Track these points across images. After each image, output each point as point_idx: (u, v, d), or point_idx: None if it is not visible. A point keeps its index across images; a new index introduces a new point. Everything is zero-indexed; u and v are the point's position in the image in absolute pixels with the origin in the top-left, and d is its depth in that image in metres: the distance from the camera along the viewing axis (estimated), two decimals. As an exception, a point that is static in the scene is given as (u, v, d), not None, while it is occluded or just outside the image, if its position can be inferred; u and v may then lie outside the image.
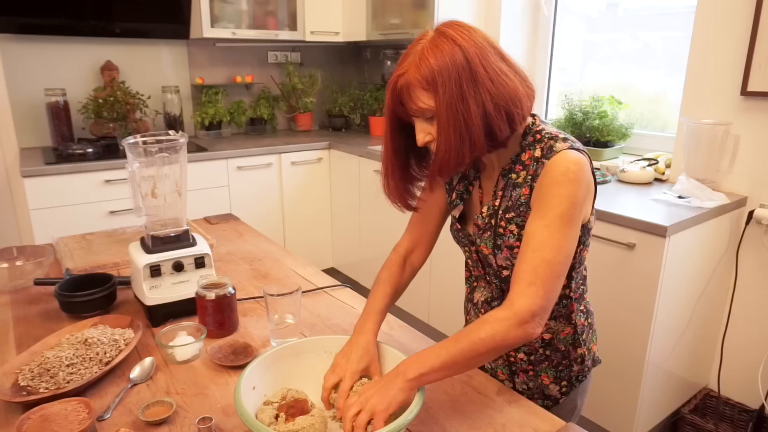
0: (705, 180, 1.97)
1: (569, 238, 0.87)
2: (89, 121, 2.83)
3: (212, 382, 0.98)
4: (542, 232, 0.85)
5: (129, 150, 1.14)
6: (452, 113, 0.83)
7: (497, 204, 0.98)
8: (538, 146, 0.92)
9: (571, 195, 0.85)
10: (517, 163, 0.95)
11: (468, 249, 1.08)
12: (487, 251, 1.01)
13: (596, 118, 2.40)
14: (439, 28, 0.87)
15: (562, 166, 0.87)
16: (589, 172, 0.89)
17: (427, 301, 2.69)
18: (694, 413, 2.03)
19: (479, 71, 0.83)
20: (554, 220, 0.85)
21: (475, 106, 0.83)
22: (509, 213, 0.96)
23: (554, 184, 0.86)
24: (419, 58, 0.84)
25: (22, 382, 0.93)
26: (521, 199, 0.94)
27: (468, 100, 0.83)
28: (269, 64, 3.46)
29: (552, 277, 0.85)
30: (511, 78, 0.86)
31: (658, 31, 2.45)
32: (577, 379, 1.09)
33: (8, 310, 1.26)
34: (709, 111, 2.02)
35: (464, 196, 1.06)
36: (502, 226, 0.97)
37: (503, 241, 0.97)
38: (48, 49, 2.77)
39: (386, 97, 0.90)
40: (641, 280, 1.72)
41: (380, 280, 1.06)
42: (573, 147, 0.89)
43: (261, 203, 3.01)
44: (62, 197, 2.41)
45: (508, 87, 0.85)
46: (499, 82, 0.84)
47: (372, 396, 0.79)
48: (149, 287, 1.16)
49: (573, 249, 0.88)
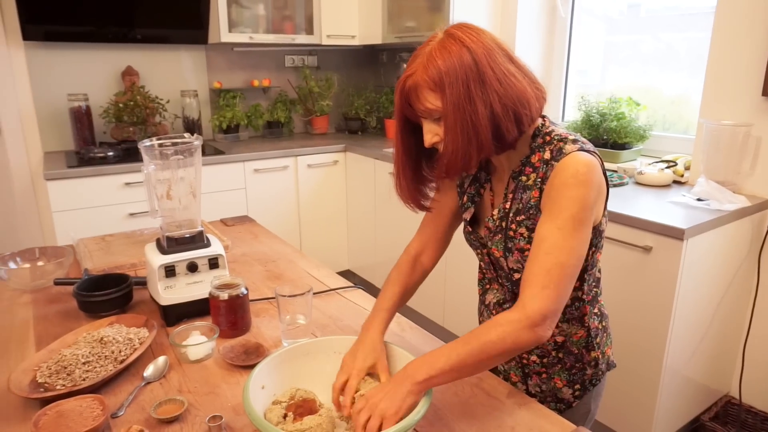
0: (725, 182, 1.93)
1: (581, 240, 0.86)
2: (110, 125, 2.89)
3: (224, 382, 1.00)
4: (554, 235, 0.85)
5: (145, 152, 1.16)
6: (459, 114, 0.83)
7: (508, 206, 0.98)
8: (547, 148, 0.92)
9: (581, 197, 0.85)
10: (527, 165, 0.95)
11: (480, 252, 1.08)
12: (498, 254, 1.01)
13: (613, 119, 2.37)
14: (448, 30, 0.87)
15: (572, 168, 0.86)
16: (600, 173, 0.88)
17: (442, 303, 2.68)
18: (715, 421, 1.98)
19: (487, 72, 0.83)
20: (566, 223, 0.85)
21: (483, 107, 0.83)
22: (520, 216, 0.95)
23: (564, 187, 0.86)
24: (427, 60, 0.84)
25: (39, 379, 0.95)
26: (531, 201, 0.93)
27: (475, 100, 0.83)
28: (286, 67, 3.50)
29: (564, 281, 0.84)
30: (519, 79, 0.86)
31: (681, 32, 2.41)
32: (591, 383, 1.08)
33: (29, 309, 1.29)
34: (729, 112, 1.99)
35: (475, 198, 1.05)
36: (513, 229, 0.96)
37: (514, 243, 0.96)
38: (71, 55, 2.85)
39: (395, 98, 0.91)
40: (658, 283, 1.69)
41: (390, 280, 1.06)
42: (583, 148, 0.89)
43: (277, 206, 3.04)
44: (84, 200, 2.47)
45: (516, 88, 0.85)
46: (507, 83, 0.85)
47: (381, 400, 0.79)
48: (164, 287, 1.18)
49: (584, 251, 0.88)
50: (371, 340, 0.92)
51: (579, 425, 1.07)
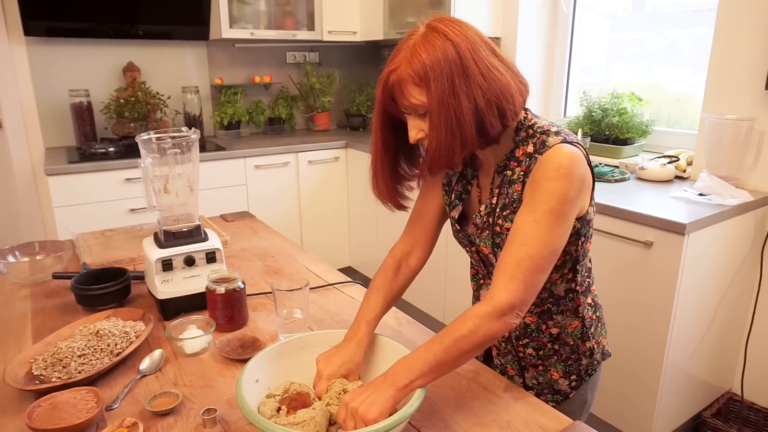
0: (728, 177, 1.92)
1: (557, 234, 0.85)
2: (111, 121, 2.89)
3: (219, 375, 1.00)
4: (530, 227, 0.85)
5: (142, 146, 1.16)
6: (444, 109, 0.82)
7: (494, 202, 0.97)
8: (530, 141, 0.91)
9: (562, 191, 0.84)
10: (512, 160, 0.94)
11: (469, 249, 1.07)
12: (486, 251, 1.00)
13: (615, 114, 2.36)
14: (431, 23, 0.86)
15: (554, 161, 0.85)
16: (584, 165, 0.87)
17: (442, 299, 2.68)
18: (717, 417, 1.97)
19: (471, 66, 0.82)
20: (543, 216, 0.84)
21: (467, 102, 0.82)
22: (505, 210, 0.95)
23: (545, 179, 0.85)
24: (411, 54, 0.83)
25: (35, 371, 0.95)
26: (515, 195, 0.93)
27: (459, 95, 0.82)
28: (287, 64, 3.49)
29: (534, 272, 0.84)
30: (503, 73, 0.86)
31: (686, 29, 2.39)
32: (587, 373, 1.07)
33: (27, 302, 1.29)
34: (732, 106, 1.97)
35: (463, 196, 1.04)
36: (499, 224, 0.96)
37: (501, 239, 0.96)
38: (73, 51, 2.85)
39: (377, 93, 0.89)
40: (659, 279, 1.68)
41: (374, 287, 1.04)
42: (566, 140, 0.88)
43: (278, 202, 3.04)
44: (84, 195, 2.47)
45: (499, 82, 0.85)
46: (491, 77, 0.84)
47: (361, 405, 0.78)
48: (161, 281, 1.18)
49: (560, 245, 0.87)
50: (350, 353, 0.91)
51: (576, 415, 1.07)
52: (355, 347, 0.92)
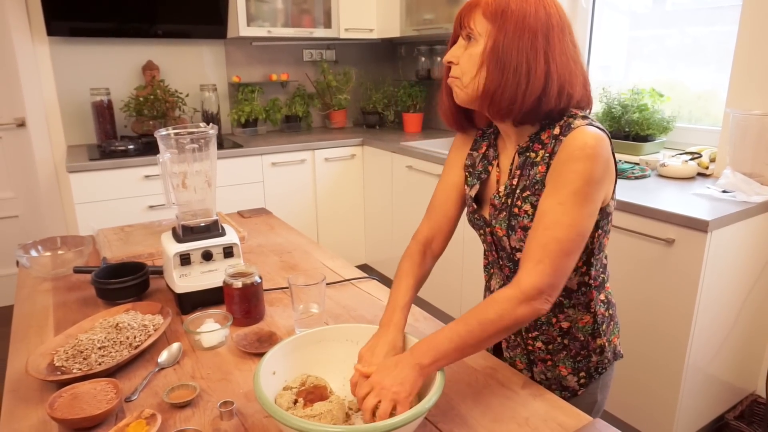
0: (752, 174, 1.87)
1: (584, 216, 0.84)
2: (131, 119, 2.93)
3: (236, 368, 1.00)
4: (555, 210, 0.84)
5: (161, 141, 1.17)
6: (521, 55, 0.84)
7: (515, 183, 0.96)
8: (557, 124, 0.91)
9: (587, 171, 0.83)
10: (536, 142, 0.94)
11: (483, 231, 1.06)
12: (501, 233, 0.99)
13: (636, 111, 2.32)
14: None
15: (579, 140, 0.85)
16: (608, 148, 0.87)
17: (459, 296, 2.66)
18: (740, 420, 1.93)
19: (554, 37, 0.86)
20: (568, 198, 0.83)
21: (543, 62, 0.85)
22: (525, 192, 0.94)
23: (570, 160, 0.84)
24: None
25: (57, 363, 0.97)
26: (537, 177, 0.92)
27: (538, 50, 0.85)
28: (304, 62, 3.51)
29: (561, 255, 0.83)
30: (577, 62, 0.89)
31: (708, 26, 2.34)
32: (597, 371, 1.05)
33: (50, 296, 1.31)
34: (757, 101, 1.92)
35: (482, 176, 1.04)
36: (518, 206, 0.95)
37: (518, 221, 0.95)
38: (94, 50, 2.89)
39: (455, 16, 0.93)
40: (681, 277, 1.65)
41: (403, 272, 1.04)
42: (592, 124, 0.88)
43: (295, 199, 3.05)
44: (105, 192, 2.51)
45: (570, 66, 0.88)
46: (567, 56, 0.87)
47: (392, 384, 0.78)
48: (179, 275, 1.19)
49: (588, 227, 0.86)
50: (392, 339, 0.90)
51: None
52: (394, 332, 0.91)
